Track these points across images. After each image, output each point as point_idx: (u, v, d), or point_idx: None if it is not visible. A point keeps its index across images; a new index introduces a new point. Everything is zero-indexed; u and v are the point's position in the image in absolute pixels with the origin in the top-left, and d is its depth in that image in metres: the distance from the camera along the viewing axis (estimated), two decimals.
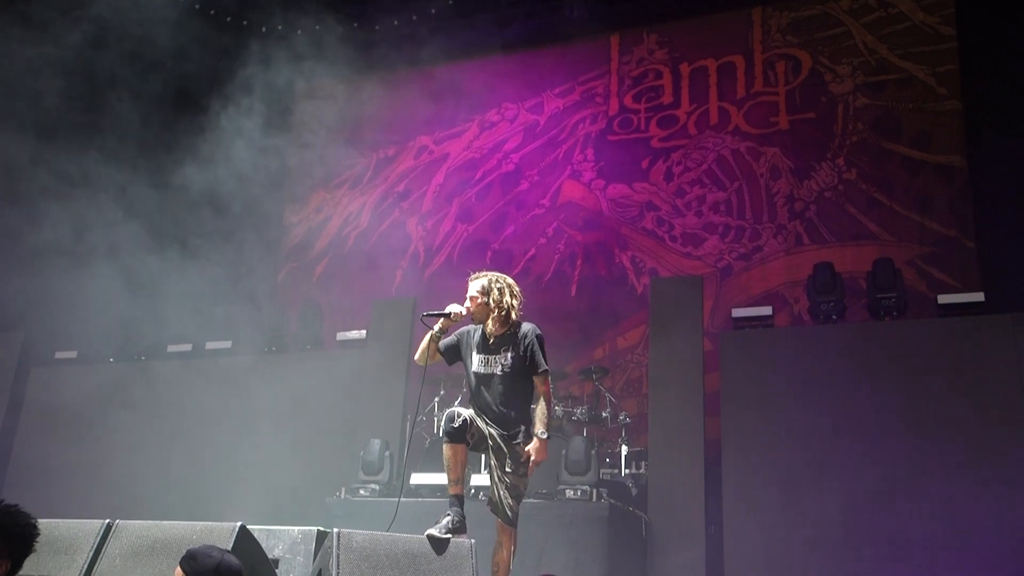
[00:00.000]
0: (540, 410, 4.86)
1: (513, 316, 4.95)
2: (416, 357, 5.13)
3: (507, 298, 4.93)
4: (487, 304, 4.93)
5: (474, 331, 5.04)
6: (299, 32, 12.03)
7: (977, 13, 10.59)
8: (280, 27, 12.09)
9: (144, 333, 11.01)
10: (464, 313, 5.00)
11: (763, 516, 7.65)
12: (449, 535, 4.57)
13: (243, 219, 11.19)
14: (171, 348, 10.82)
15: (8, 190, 10.81)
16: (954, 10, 10.90)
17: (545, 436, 4.80)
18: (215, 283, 10.63)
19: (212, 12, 12.17)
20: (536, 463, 4.82)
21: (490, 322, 4.93)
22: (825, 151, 11.03)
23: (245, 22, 12.21)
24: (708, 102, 11.90)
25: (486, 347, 4.94)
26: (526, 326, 4.95)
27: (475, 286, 4.99)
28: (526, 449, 4.80)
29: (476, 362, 4.95)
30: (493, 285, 4.96)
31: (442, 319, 5.01)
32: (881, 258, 8.74)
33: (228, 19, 12.08)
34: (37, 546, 3.17)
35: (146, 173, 10.61)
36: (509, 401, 4.86)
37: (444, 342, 5.07)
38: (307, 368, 9.84)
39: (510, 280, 5.06)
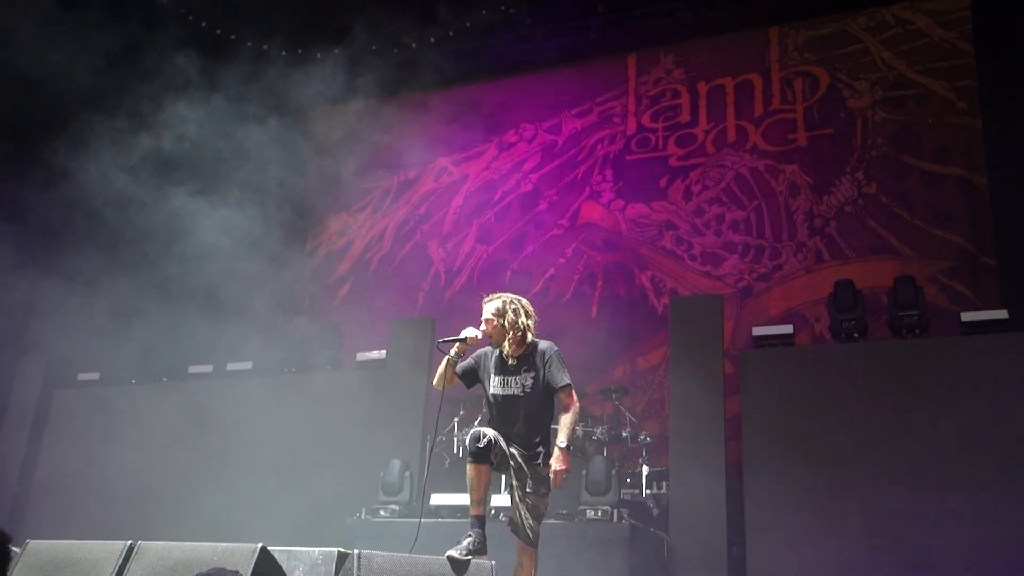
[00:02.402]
0: (564, 420, 4.85)
1: (530, 336, 4.96)
2: (434, 382, 5.14)
3: (522, 318, 4.94)
4: (503, 326, 4.94)
5: (491, 353, 5.05)
6: (319, 55, 12.15)
7: (995, 29, 10.55)
8: (300, 51, 12.22)
9: (165, 354, 11.09)
10: (479, 336, 5.00)
11: (785, 536, 7.58)
12: (470, 556, 4.55)
13: (264, 242, 11.25)
14: (192, 369, 10.88)
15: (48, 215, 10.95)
16: (972, 26, 10.87)
17: (564, 445, 4.75)
18: (236, 305, 10.69)
19: (232, 37, 12.31)
20: (560, 474, 4.74)
21: (507, 343, 4.93)
22: (844, 165, 10.98)
23: (266, 46, 12.32)
24: (726, 120, 11.89)
25: (504, 368, 4.95)
26: (543, 345, 4.96)
27: (489, 308, 5.00)
28: (550, 463, 4.77)
29: (495, 384, 4.96)
30: (507, 307, 4.97)
31: (458, 343, 5.02)
32: (903, 275, 8.64)
33: (248, 44, 12.20)
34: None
35: (163, 199, 10.72)
36: (530, 421, 4.87)
37: (461, 365, 5.08)
38: (327, 388, 9.87)
39: (524, 300, 5.07)
